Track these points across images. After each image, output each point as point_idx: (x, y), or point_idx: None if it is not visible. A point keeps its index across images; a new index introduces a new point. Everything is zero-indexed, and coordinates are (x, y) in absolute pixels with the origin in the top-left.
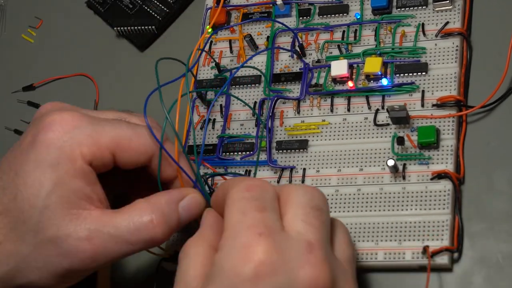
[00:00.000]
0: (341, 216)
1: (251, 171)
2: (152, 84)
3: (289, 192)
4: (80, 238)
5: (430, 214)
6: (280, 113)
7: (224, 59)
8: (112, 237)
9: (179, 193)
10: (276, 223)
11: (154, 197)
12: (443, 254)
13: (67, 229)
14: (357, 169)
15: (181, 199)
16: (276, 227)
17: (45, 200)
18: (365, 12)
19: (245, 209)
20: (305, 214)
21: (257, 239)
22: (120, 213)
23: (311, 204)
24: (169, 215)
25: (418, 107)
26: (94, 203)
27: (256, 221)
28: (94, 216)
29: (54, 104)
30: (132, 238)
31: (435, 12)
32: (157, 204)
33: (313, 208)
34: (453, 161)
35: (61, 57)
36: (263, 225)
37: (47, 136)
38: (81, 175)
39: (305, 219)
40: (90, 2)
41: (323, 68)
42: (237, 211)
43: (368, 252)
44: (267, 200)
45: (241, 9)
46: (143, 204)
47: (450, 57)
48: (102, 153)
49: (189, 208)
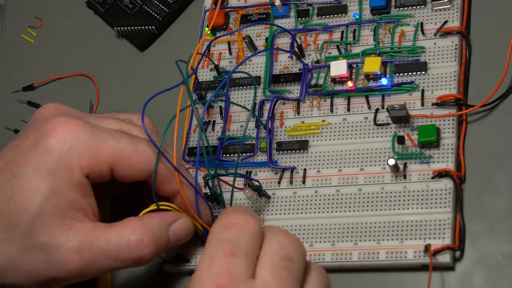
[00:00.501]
0: (342, 216)
1: (251, 172)
2: (152, 84)
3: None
4: (70, 249)
5: (432, 213)
6: (280, 114)
7: (223, 61)
8: (102, 252)
9: (172, 216)
10: (244, 270)
11: (147, 217)
12: (445, 253)
13: (59, 239)
14: (358, 169)
15: (172, 223)
16: (241, 276)
17: (40, 206)
18: (364, 12)
19: (215, 253)
20: (273, 264)
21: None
22: (112, 229)
23: (281, 253)
24: (159, 237)
25: (418, 106)
26: (87, 215)
27: (221, 269)
28: (87, 229)
29: (57, 106)
30: (121, 255)
31: (433, 11)
32: (149, 224)
33: (282, 257)
34: (453, 159)
35: (61, 57)
36: (227, 274)
37: (49, 143)
38: (77, 187)
39: (272, 268)
40: (90, 2)
41: (322, 69)
42: (207, 254)
43: (370, 252)
44: (241, 242)
45: (239, 10)
46: (135, 222)
47: (450, 56)
48: (100, 167)
49: (178, 232)
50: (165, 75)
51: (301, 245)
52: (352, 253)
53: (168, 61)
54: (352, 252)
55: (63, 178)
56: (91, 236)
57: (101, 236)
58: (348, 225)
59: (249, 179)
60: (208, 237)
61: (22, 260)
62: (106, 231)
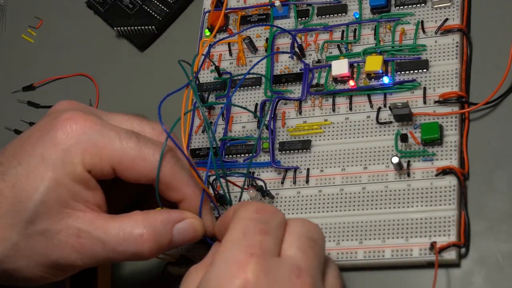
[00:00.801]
0: (346, 215)
1: (254, 172)
2: (152, 84)
3: (290, 222)
4: (69, 235)
5: (436, 210)
6: (282, 114)
7: (223, 62)
8: (100, 242)
9: (179, 215)
10: (273, 248)
11: (152, 213)
12: (450, 250)
13: (59, 225)
14: (361, 167)
15: (178, 221)
16: (271, 252)
17: (43, 195)
18: (364, 11)
19: (247, 230)
20: (300, 243)
21: (248, 258)
22: (114, 220)
23: (307, 235)
24: (161, 234)
25: (420, 104)
26: (90, 206)
27: (253, 242)
28: (87, 218)
29: (71, 102)
30: (119, 247)
31: (434, 9)
32: (152, 220)
33: (309, 239)
34: (457, 156)
35: (61, 57)
36: (259, 247)
37: (57, 135)
38: (80, 180)
39: (300, 246)
40: (90, 2)
41: (323, 68)
42: (238, 230)
43: (375, 250)
44: (272, 225)
45: (239, 11)
46: (138, 216)
47: (451, 54)
48: (102, 166)
49: (184, 232)
50: (165, 75)
51: (322, 232)
52: (358, 252)
53: (168, 61)
54: (357, 250)
55: (67, 170)
56: (90, 225)
57: (100, 226)
58: (353, 224)
59: (255, 178)
60: (236, 218)
61: (24, 246)
62: (106, 221)
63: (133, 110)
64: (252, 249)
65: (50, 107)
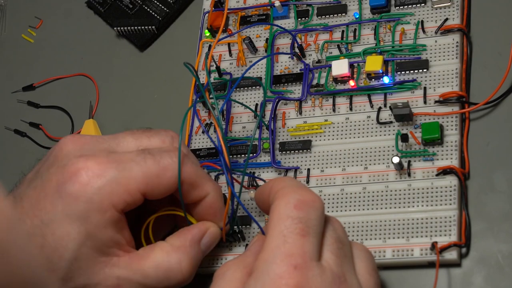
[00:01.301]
0: (347, 215)
1: (254, 173)
2: (152, 84)
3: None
4: (109, 286)
5: (437, 210)
6: (282, 114)
7: (223, 63)
8: (140, 285)
9: (200, 230)
10: (314, 251)
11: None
12: (451, 250)
13: (97, 277)
14: (362, 167)
15: (202, 237)
16: (313, 257)
17: (75, 252)
18: (364, 11)
19: (288, 232)
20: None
21: (292, 272)
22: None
23: (334, 236)
24: (194, 257)
25: (420, 104)
26: (123, 248)
27: (295, 249)
28: (123, 263)
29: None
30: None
31: (434, 9)
32: (183, 248)
33: (336, 240)
34: (457, 156)
35: (61, 57)
36: (301, 255)
37: (74, 188)
38: (111, 224)
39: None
40: (90, 2)
41: (323, 68)
42: (278, 233)
43: (376, 250)
44: (312, 222)
45: (239, 12)
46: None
47: (451, 53)
48: (133, 197)
49: (209, 244)
50: (165, 75)
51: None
52: None
53: (168, 61)
54: None
55: (95, 220)
56: (128, 270)
57: (137, 269)
58: (354, 224)
59: (257, 178)
60: (275, 212)
61: None
62: (141, 262)
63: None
64: (294, 259)
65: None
